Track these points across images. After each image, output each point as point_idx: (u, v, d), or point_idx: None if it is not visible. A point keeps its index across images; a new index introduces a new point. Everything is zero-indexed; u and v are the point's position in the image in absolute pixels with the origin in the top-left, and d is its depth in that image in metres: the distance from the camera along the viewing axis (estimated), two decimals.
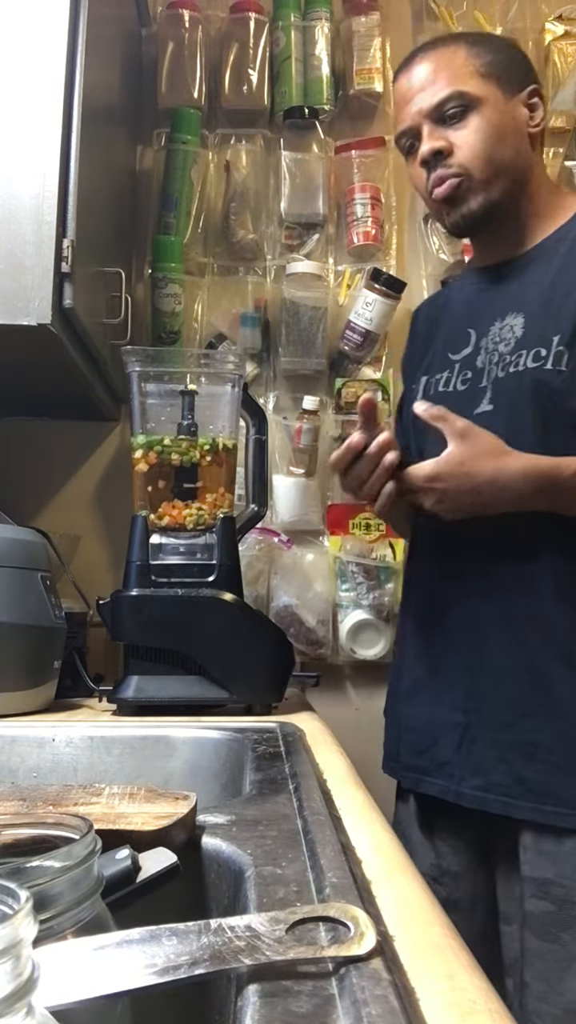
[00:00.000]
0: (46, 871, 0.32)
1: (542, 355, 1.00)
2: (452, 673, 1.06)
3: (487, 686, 1.02)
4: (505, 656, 1.01)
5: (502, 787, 0.99)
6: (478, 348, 1.08)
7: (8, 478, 1.57)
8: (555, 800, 0.96)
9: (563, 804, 0.95)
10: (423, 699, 1.09)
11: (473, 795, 1.01)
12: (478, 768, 1.01)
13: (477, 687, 1.03)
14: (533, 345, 1.01)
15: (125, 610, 1.07)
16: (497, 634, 1.02)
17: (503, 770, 0.99)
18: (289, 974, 0.30)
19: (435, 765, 1.06)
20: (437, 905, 0.41)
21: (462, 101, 1.05)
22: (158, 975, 0.29)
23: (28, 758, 0.86)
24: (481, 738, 1.01)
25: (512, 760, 0.98)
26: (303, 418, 1.60)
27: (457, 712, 1.04)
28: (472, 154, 1.05)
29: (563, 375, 0.98)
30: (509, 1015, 0.30)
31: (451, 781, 1.04)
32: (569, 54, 1.73)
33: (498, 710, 1.00)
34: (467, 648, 1.04)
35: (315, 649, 1.57)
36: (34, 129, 1.11)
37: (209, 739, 0.86)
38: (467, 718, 1.03)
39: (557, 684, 0.98)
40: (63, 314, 1.12)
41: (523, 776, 0.97)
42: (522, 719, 0.99)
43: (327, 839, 0.46)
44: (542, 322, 1.02)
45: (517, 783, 0.98)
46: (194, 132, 1.66)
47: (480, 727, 1.02)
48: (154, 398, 1.15)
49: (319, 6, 1.72)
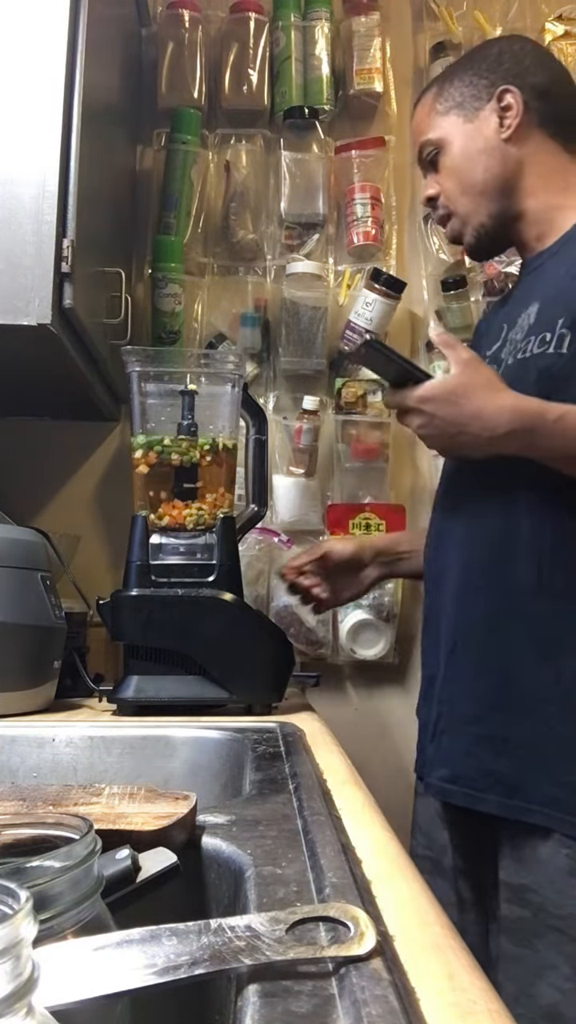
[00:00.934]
0: (46, 871, 0.32)
1: (547, 340, 1.00)
2: (434, 669, 1.08)
3: (460, 678, 1.03)
4: (479, 650, 1.01)
5: (468, 779, 0.99)
6: (505, 341, 1.09)
7: (8, 478, 1.57)
8: (523, 796, 0.95)
9: (531, 800, 0.95)
10: (428, 694, 1.11)
11: (439, 786, 1.02)
12: (446, 759, 1.02)
13: (452, 679, 1.04)
14: (540, 331, 1.01)
15: (125, 610, 1.07)
16: (473, 628, 1.02)
17: (471, 763, 0.99)
18: (289, 974, 0.30)
19: (423, 758, 1.07)
20: (437, 905, 0.41)
21: (432, 148, 1.13)
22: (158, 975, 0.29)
23: (28, 758, 0.86)
24: (451, 730, 1.02)
25: (481, 753, 0.98)
26: (303, 418, 1.60)
27: (436, 704, 1.05)
28: (450, 194, 1.12)
29: (564, 359, 0.97)
30: (509, 1015, 0.30)
31: (424, 772, 1.05)
32: (569, 54, 1.73)
33: (468, 702, 1.01)
34: (446, 645, 1.06)
35: (315, 649, 1.57)
36: (34, 129, 1.11)
37: (209, 739, 0.86)
38: (440, 709, 1.04)
39: (529, 680, 0.97)
40: (63, 314, 1.12)
41: (492, 769, 0.97)
42: (492, 712, 0.99)
43: (327, 839, 0.46)
44: (551, 307, 1.02)
45: (485, 776, 0.97)
46: (194, 132, 1.66)
47: (451, 719, 1.02)
48: (154, 398, 1.15)
49: (319, 6, 1.72)
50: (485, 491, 1.05)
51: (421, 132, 1.15)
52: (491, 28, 1.73)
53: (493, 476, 1.03)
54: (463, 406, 0.95)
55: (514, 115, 1.08)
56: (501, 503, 1.02)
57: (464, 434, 0.96)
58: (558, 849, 0.94)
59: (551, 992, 0.91)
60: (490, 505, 1.04)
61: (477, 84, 1.10)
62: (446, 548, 1.10)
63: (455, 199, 1.11)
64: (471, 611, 1.03)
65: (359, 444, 1.62)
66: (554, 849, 0.94)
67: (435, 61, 1.73)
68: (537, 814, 0.95)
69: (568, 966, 0.91)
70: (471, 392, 0.95)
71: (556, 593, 0.98)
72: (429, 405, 0.97)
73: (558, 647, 0.97)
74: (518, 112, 1.08)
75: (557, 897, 0.93)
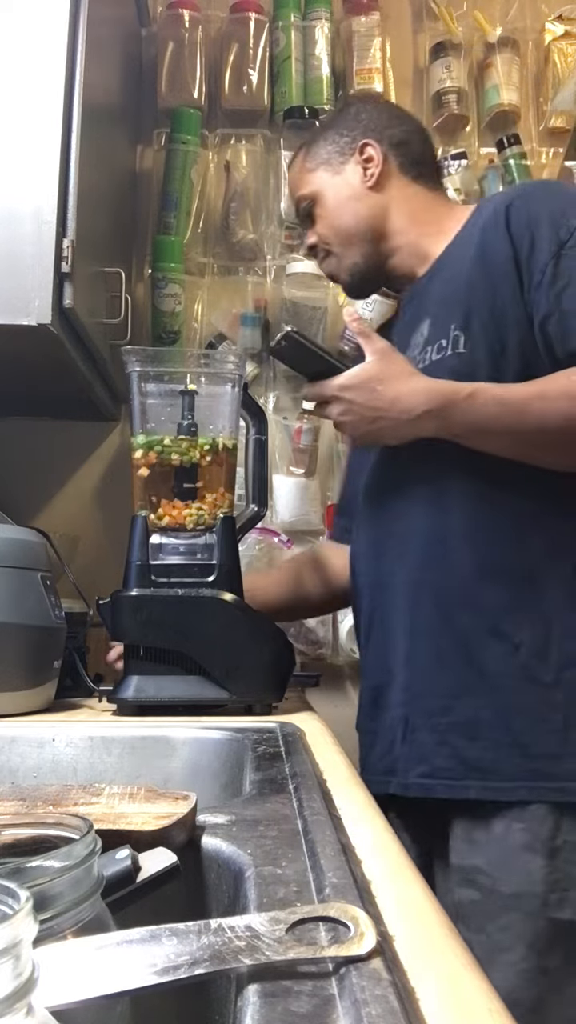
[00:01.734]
0: (46, 871, 0.32)
1: (443, 345, 1.06)
2: (384, 677, 1.08)
3: (422, 673, 1.03)
4: (437, 641, 1.02)
5: (445, 770, 0.99)
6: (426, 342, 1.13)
7: (8, 478, 1.57)
8: (499, 776, 0.96)
9: (510, 778, 0.96)
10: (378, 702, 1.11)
11: (419, 783, 1.02)
12: (421, 756, 1.02)
13: (412, 677, 1.04)
14: (436, 339, 1.07)
15: (125, 610, 1.07)
16: (427, 622, 1.04)
17: (446, 753, 1.00)
18: (289, 974, 0.30)
19: (392, 763, 1.06)
20: (437, 905, 0.41)
21: (307, 201, 1.22)
22: (158, 975, 0.29)
23: (28, 758, 0.86)
24: (421, 725, 1.02)
25: (454, 742, 0.99)
26: (303, 418, 1.60)
27: (398, 707, 1.06)
28: (326, 240, 1.21)
29: (463, 357, 1.03)
30: (509, 1015, 0.30)
31: (399, 776, 1.04)
32: (569, 54, 1.73)
33: (436, 695, 1.02)
34: (401, 646, 1.06)
35: (315, 649, 1.57)
36: (34, 129, 1.11)
37: (209, 739, 0.86)
38: (406, 709, 1.05)
39: (488, 659, 0.99)
40: (63, 314, 1.12)
41: (466, 757, 0.98)
42: (459, 699, 1.00)
43: (327, 839, 0.46)
44: (442, 316, 1.08)
45: (461, 764, 0.98)
46: (194, 132, 1.66)
47: (419, 715, 1.03)
48: (154, 398, 1.15)
49: (319, 6, 1.72)
50: (413, 485, 1.08)
51: (296, 189, 1.25)
52: (491, 28, 1.73)
53: (420, 468, 1.06)
54: (381, 392, 0.99)
55: (375, 164, 1.18)
56: (430, 494, 1.05)
57: (383, 419, 1.00)
58: (511, 824, 0.94)
59: (505, 977, 0.90)
60: (420, 499, 1.06)
61: (339, 141, 1.20)
62: (384, 550, 1.11)
63: (331, 244, 1.21)
64: (419, 606, 1.05)
65: None
66: (507, 825, 0.95)
67: (435, 61, 1.74)
68: (520, 790, 0.96)
69: (523, 946, 0.91)
70: (388, 378, 1.00)
71: (496, 571, 1.01)
72: (348, 393, 1.01)
73: (508, 623, 0.99)
74: (378, 162, 1.18)
75: (508, 875, 0.93)
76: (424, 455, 1.03)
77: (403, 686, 1.06)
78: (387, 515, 1.12)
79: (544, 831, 0.94)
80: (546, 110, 1.76)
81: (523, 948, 0.91)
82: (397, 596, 1.08)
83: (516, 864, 0.93)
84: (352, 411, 1.02)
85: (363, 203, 1.18)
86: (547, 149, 1.76)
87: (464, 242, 1.11)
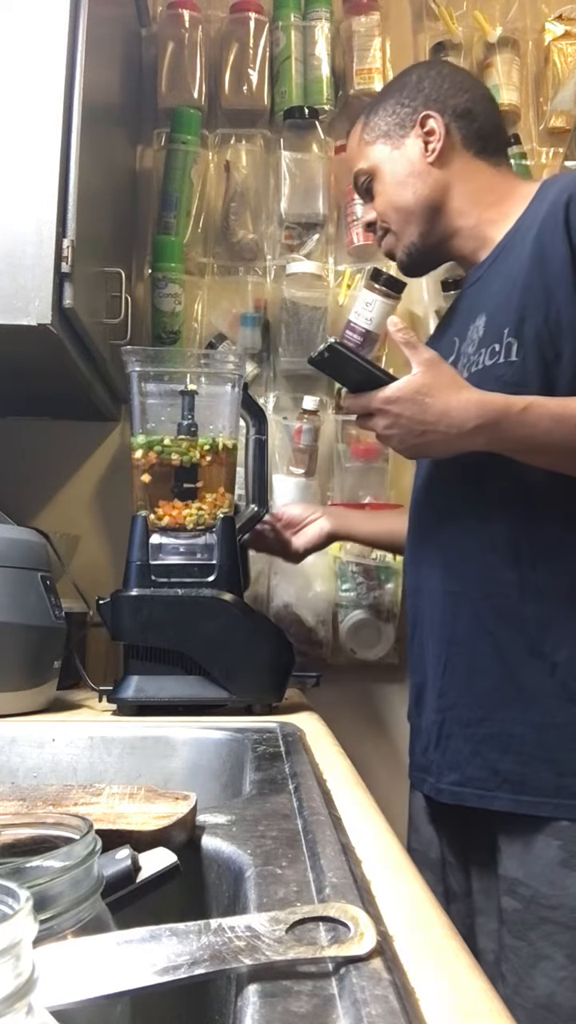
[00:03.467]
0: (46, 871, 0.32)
1: (496, 350, 1.02)
2: (430, 674, 1.08)
3: (459, 683, 1.03)
4: (475, 652, 1.02)
5: (478, 780, 1.00)
6: (459, 354, 1.11)
7: (8, 478, 1.57)
8: (531, 790, 0.97)
9: (539, 793, 0.96)
10: (420, 701, 1.12)
11: (451, 791, 1.03)
12: (454, 764, 1.02)
13: (448, 685, 1.04)
14: (489, 343, 1.04)
15: (125, 610, 1.07)
16: (463, 634, 1.03)
17: (478, 763, 1.00)
18: (289, 974, 0.30)
19: (427, 763, 1.08)
20: (437, 905, 0.41)
21: (365, 176, 1.18)
22: (158, 975, 0.29)
23: (28, 758, 0.86)
24: (456, 734, 1.03)
25: (487, 753, 0.99)
26: (303, 418, 1.60)
27: (433, 712, 1.06)
28: (383, 215, 1.17)
29: (514, 366, 0.99)
30: (509, 1015, 0.30)
31: (432, 778, 1.06)
32: (569, 54, 1.73)
33: (471, 705, 1.02)
34: (435, 652, 1.07)
35: (315, 649, 1.57)
36: (34, 129, 1.11)
37: (209, 739, 0.86)
38: (442, 716, 1.05)
39: (526, 676, 0.99)
40: (63, 314, 1.12)
41: (499, 768, 0.98)
42: (495, 711, 1.00)
43: (327, 839, 0.46)
44: (497, 318, 1.04)
45: (493, 775, 0.99)
46: (194, 132, 1.66)
47: (453, 723, 1.03)
48: (154, 398, 1.15)
49: (319, 6, 1.72)
50: (460, 495, 1.06)
51: (353, 162, 1.21)
52: (491, 28, 1.73)
53: (467, 479, 1.04)
54: (429, 405, 0.95)
55: (437, 139, 1.12)
56: (477, 506, 1.04)
57: (431, 432, 0.96)
58: (549, 841, 0.95)
59: (546, 983, 0.92)
60: (466, 509, 1.05)
61: (399, 112, 1.15)
62: (425, 555, 1.11)
63: (389, 221, 1.17)
64: (458, 617, 1.04)
65: (359, 444, 1.62)
66: (545, 842, 0.95)
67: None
68: (546, 806, 0.96)
69: (562, 955, 0.93)
70: (436, 391, 0.95)
71: (539, 590, 0.99)
72: (395, 406, 0.96)
73: (548, 642, 0.98)
74: (440, 136, 1.12)
75: (548, 889, 0.94)
76: (470, 464, 1.00)
77: (439, 692, 1.06)
78: (429, 522, 1.11)
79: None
80: (546, 110, 1.75)
81: (562, 957, 0.92)
82: (436, 604, 1.08)
83: (554, 879, 0.94)
84: (399, 424, 0.97)
85: (423, 180, 1.13)
86: (547, 149, 1.76)
87: (525, 230, 1.06)
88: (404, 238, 1.16)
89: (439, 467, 1.09)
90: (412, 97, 1.15)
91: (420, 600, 1.12)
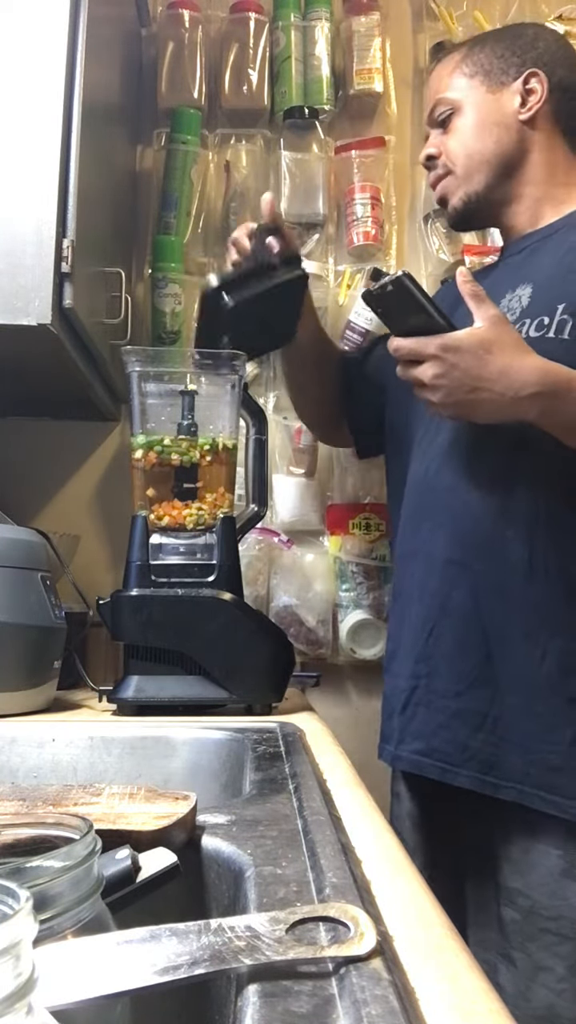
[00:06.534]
0: (46, 871, 0.32)
1: (545, 323, 0.99)
2: (410, 639, 1.06)
3: (442, 653, 1.01)
4: (466, 626, 1.00)
5: (442, 753, 0.98)
6: None
7: (8, 478, 1.57)
8: (498, 772, 0.96)
9: (505, 777, 0.95)
10: (393, 668, 1.10)
11: (412, 759, 1.01)
12: (419, 733, 1.01)
13: (431, 653, 1.02)
14: (537, 314, 1.01)
15: (125, 610, 1.07)
16: (457, 605, 1.01)
17: (446, 736, 0.99)
18: (289, 974, 0.30)
19: (389, 730, 1.06)
20: (437, 905, 0.41)
21: (447, 107, 1.13)
22: (158, 975, 0.29)
23: (28, 758, 0.86)
24: (428, 703, 1.01)
25: (458, 728, 0.98)
26: None
27: (407, 677, 1.04)
28: (452, 154, 1.12)
29: (565, 344, 0.97)
30: (509, 1016, 0.30)
31: (391, 744, 1.04)
32: None
33: (450, 678, 1.00)
34: (422, 618, 1.04)
35: (315, 649, 1.57)
36: (34, 129, 1.11)
37: (209, 739, 0.86)
38: (415, 682, 1.03)
39: (514, 658, 0.97)
40: (63, 314, 1.12)
41: (468, 744, 0.97)
42: (474, 688, 0.98)
43: (327, 839, 0.46)
44: (548, 292, 1.01)
45: (461, 751, 0.97)
46: (194, 132, 1.66)
47: (428, 692, 1.01)
48: (154, 398, 1.15)
49: (319, 6, 1.72)
50: (488, 464, 1.02)
51: (440, 89, 1.14)
52: (491, 28, 1.73)
53: (499, 449, 1.00)
54: (489, 361, 0.89)
55: (537, 99, 1.09)
56: (503, 479, 1.00)
57: (484, 390, 0.90)
58: (548, 850, 0.94)
59: (546, 994, 0.92)
60: (491, 479, 1.01)
61: (508, 59, 1.11)
62: (431, 518, 1.07)
63: (458, 161, 1.11)
64: (455, 587, 1.01)
65: None
66: (544, 851, 0.94)
67: (435, 61, 1.73)
68: (511, 790, 0.95)
69: (562, 966, 0.92)
70: (499, 348, 0.90)
71: (547, 573, 0.97)
72: (453, 355, 0.90)
73: (545, 627, 0.97)
74: (541, 98, 1.09)
75: (548, 899, 0.93)
76: (505, 434, 0.96)
77: (417, 658, 1.03)
78: (443, 485, 1.06)
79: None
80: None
81: (563, 968, 0.92)
82: (434, 570, 1.04)
83: (554, 889, 0.93)
84: (451, 375, 0.90)
85: (508, 134, 1.09)
86: None
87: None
88: (468, 185, 1.12)
89: (469, 430, 1.03)
90: (525, 50, 1.11)
91: (413, 565, 1.08)
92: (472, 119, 1.11)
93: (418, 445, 1.14)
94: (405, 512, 1.13)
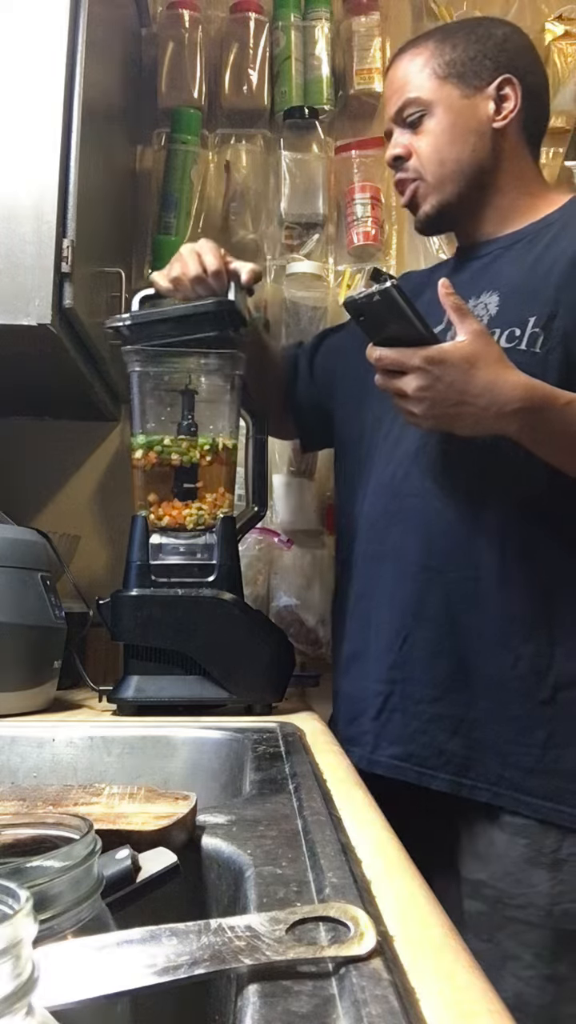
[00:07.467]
0: (46, 871, 0.32)
1: (516, 335, 0.99)
2: (381, 644, 1.05)
3: (417, 659, 1.01)
4: (440, 632, 1.01)
5: (420, 758, 0.99)
6: (450, 325, 1.03)
7: (8, 478, 1.57)
8: (475, 775, 0.96)
9: (481, 779, 0.96)
10: (355, 670, 1.09)
11: (389, 763, 1.01)
12: (396, 737, 1.01)
13: (405, 659, 1.02)
14: (507, 325, 1.00)
15: (125, 610, 1.07)
16: (430, 610, 1.01)
17: (424, 741, 0.99)
18: (289, 974, 0.30)
19: (358, 734, 1.05)
20: (437, 905, 0.41)
21: (418, 107, 1.09)
22: (158, 975, 0.29)
23: (28, 758, 0.86)
24: (404, 709, 1.01)
25: (435, 732, 0.99)
26: None
27: (380, 682, 1.04)
28: (424, 159, 1.09)
29: (537, 357, 0.97)
30: (509, 1016, 0.30)
31: (366, 749, 1.03)
32: (569, 54, 1.73)
33: (426, 684, 1.00)
34: (393, 625, 1.04)
35: (315, 649, 1.57)
36: (34, 129, 1.11)
37: (209, 739, 0.86)
38: (390, 687, 1.03)
39: (488, 663, 0.98)
40: (63, 314, 1.12)
41: (444, 749, 0.98)
42: (450, 693, 0.99)
43: (327, 839, 0.46)
44: (518, 302, 1.01)
45: (437, 755, 0.98)
46: (194, 132, 1.66)
47: (403, 698, 1.02)
48: (154, 398, 1.15)
49: (319, 6, 1.72)
50: (462, 472, 1.02)
51: (408, 88, 1.09)
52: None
53: (472, 459, 1.01)
54: (475, 376, 0.89)
55: (512, 107, 1.07)
56: (477, 487, 1.01)
57: (468, 404, 0.89)
58: (515, 840, 0.94)
59: (514, 982, 0.92)
60: (465, 487, 1.02)
61: (481, 61, 1.08)
62: (400, 524, 1.06)
63: (430, 166, 1.09)
64: (429, 593, 1.02)
65: None
66: (511, 840, 0.95)
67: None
68: (485, 792, 0.96)
69: (529, 954, 0.92)
70: (485, 363, 0.89)
71: (517, 581, 0.98)
72: (438, 368, 0.89)
73: (517, 634, 0.98)
74: (516, 106, 1.07)
75: (514, 888, 0.94)
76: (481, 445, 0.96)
77: (391, 664, 1.03)
78: (414, 490, 1.05)
79: (547, 845, 0.94)
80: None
81: (530, 956, 0.92)
82: (405, 576, 1.03)
83: (521, 878, 0.94)
84: (435, 388, 0.89)
85: (483, 141, 1.07)
86: (547, 149, 1.75)
87: (557, 229, 1.04)
88: (440, 193, 1.09)
89: (440, 437, 1.02)
90: (495, 53, 1.08)
91: (381, 569, 1.07)
92: (445, 124, 1.08)
93: (380, 447, 1.12)
94: (370, 514, 1.11)
